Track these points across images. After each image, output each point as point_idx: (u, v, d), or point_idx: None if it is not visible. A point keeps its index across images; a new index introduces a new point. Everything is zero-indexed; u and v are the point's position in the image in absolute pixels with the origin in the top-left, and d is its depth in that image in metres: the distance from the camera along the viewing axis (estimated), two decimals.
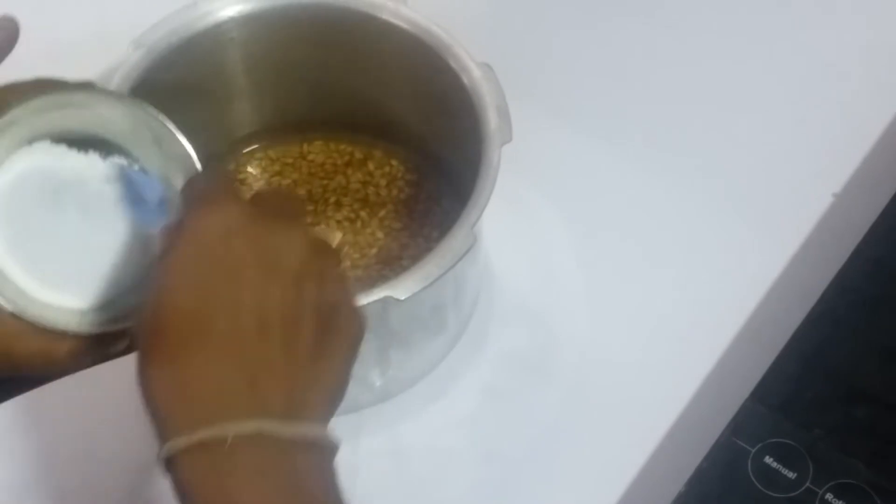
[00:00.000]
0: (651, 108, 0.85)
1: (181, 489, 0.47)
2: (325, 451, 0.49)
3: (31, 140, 0.54)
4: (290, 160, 0.81)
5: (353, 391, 0.72)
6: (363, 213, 0.78)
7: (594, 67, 0.88)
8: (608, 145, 0.84)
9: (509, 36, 0.87)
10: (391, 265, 0.76)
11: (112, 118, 0.55)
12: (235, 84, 0.78)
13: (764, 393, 0.69)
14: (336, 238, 0.61)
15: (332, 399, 0.51)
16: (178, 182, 0.55)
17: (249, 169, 0.80)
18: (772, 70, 0.87)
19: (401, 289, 0.63)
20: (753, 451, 0.67)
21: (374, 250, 0.77)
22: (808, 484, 0.66)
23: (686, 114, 0.85)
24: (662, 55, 0.88)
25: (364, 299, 0.63)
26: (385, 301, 0.63)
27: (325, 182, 0.80)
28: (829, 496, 0.66)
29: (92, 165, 0.55)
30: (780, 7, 0.90)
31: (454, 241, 0.65)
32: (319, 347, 0.50)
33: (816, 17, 0.89)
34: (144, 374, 0.49)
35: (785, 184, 0.82)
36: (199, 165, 0.55)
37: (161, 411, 0.48)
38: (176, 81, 0.73)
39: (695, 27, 0.89)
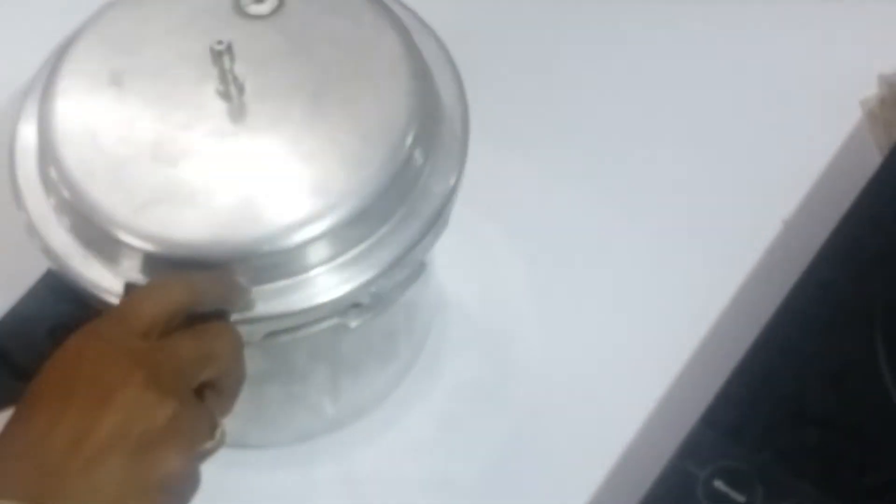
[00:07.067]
0: (600, 136, 0.86)
1: None
2: None
3: None
4: None
5: (305, 419, 0.73)
6: None
7: (545, 96, 0.88)
8: (558, 173, 0.84)
9: (461, 66, 0.88)
10: None
11: None
12: None
13: (714, 417, 0.70)
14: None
15: None
16: None
17: None
18: (721, 97, 0.88)
19: (351, 315, 0.64)
20: (703, 474, 0.68)
21: None
22: None
23: (636, 142, 0.86)
24: (612, 84, 0.89)
25: (316, 326, 0.63)
26: (336, 328, 0.63)
27: None
28: None
29: None
30: (728, 34, 0.91)
31: (404, 268, 0.65)
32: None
33: (764, 45, 0.90)
34: None
35: (735, 210, 0.83)
36: None
37: None
38: None
39: (645, 58, 0.90)
